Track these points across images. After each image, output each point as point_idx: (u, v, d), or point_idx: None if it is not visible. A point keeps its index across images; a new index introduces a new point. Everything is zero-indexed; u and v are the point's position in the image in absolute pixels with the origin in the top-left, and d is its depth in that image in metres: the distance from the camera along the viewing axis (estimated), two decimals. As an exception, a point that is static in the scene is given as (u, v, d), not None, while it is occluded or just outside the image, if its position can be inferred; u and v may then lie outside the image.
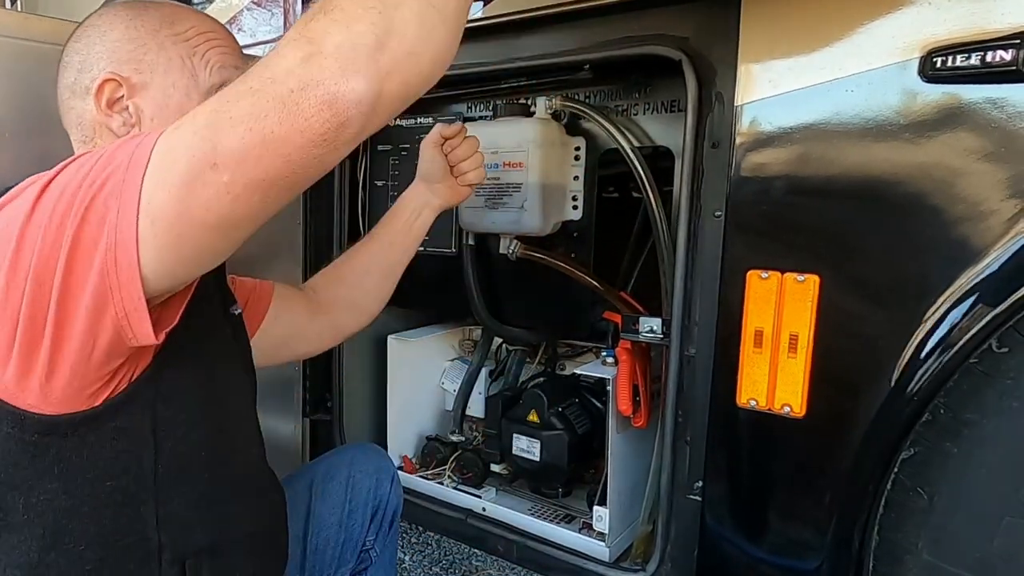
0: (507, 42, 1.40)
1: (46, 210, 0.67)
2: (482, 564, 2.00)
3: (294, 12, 1.70)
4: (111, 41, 0.87)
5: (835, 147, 1.01)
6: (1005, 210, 0.89)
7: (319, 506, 1.20)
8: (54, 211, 0.66)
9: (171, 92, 0.87)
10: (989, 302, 0.91)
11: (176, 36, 0.89)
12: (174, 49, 0.88)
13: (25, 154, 1.24)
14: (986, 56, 0.88)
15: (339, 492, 1.22)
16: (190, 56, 0.89)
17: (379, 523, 1.26)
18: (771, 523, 1.13)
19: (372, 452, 1.32)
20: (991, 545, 0.96)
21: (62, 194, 0.67)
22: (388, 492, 1.27)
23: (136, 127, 0.87)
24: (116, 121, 0.87)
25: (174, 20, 0.90)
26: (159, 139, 0.66)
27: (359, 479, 1.24)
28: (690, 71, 1.16)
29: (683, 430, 1.23)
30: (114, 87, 0.86)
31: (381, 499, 1.26)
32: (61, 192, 0.67)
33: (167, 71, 0.87)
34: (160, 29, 0.88)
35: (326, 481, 1.23)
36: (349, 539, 1.22)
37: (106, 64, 0.86)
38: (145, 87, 0.87)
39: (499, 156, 1.40)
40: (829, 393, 1.05)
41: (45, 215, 0.66)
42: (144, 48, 0.87)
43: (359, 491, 1.23)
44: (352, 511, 1.22)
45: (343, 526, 1.21)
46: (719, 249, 1.14)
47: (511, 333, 1.60)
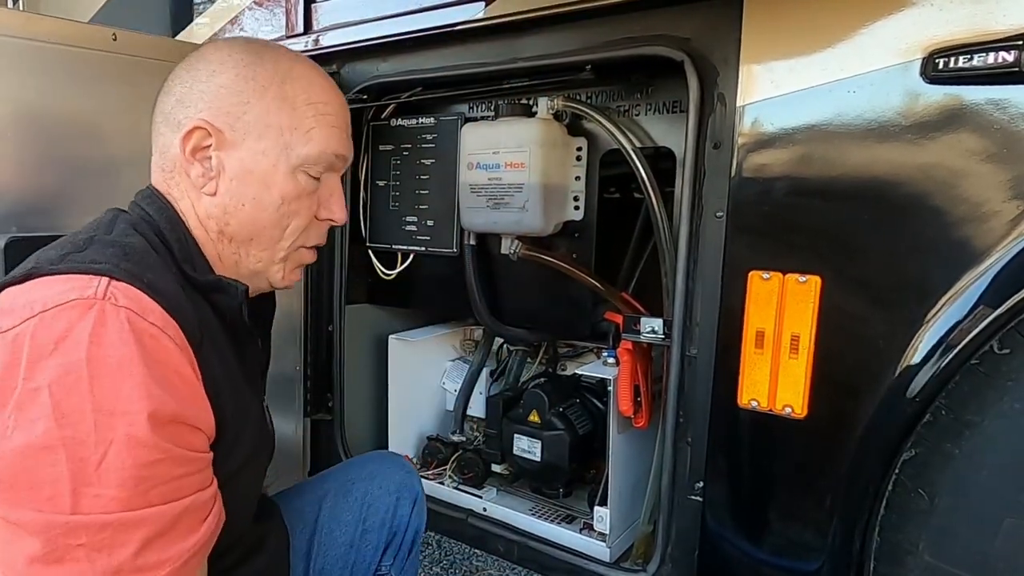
0: (509, 42, 1.40)
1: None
2: (483, 564, 2.00)
3: (296, 12, 1.70)
4: (216, 86, 0.83)
5: (837, 148, 1.01)
6: (1007, 212, 0.89)
7: (329, 522, 1.13)
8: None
9: (260, 159, 0.84)
10: (990, 304, 0.91)
11: (283, 101, 0.84)
12: (277, 116, 0.84)
13: (27, 153, 1.24)
14: (988, 57, 0.88)
15: (353, 510, 1.14)
16: (292, 128, 0.85)
17: (397, 547, 1.17)
18: (772, 524, 1.13)
19: (395, 467, 1.22)
20: (992, 546, 0.96)
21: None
22: (409, 514, 1.17)
23: (214, 181, 0.84)
24: (196, 170, 0.84)
25: (287, 80, 0.85)
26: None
27: (377, 497, 1.15)
28: (692, 72, 1.16)
29: (684, 430, 1.23)
30: (203, 136, 0.83)
31: (400, 522, 1.16)
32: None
33: (261, 136, 0.84)
34: (269, 88, 0.84)
35: (339, 496, 1.15)
36: (360, 562, 1.13)
37: (203, 108, 0.83)
38: (235, 146, 0.84)
39: (501, 156, 1.40)
40: (830, 394, 1.05)
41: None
42: (246, 106, 0.83)
43: (375, 511, 1.15)
44: (366, 532, 1.14)
45: (354, 547, 1.13)
46: (720, 250, 1.14)
47: (512, 333, 1.61)
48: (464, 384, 1.78)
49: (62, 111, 1.29)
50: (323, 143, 0.87)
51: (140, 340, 0.67)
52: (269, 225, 0.86)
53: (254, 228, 0.86)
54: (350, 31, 1.60)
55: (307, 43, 1.68)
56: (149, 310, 0.70)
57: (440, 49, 1.51)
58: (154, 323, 0.69)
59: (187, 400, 0.71)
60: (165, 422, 0.67)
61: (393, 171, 1.69)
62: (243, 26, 1.87)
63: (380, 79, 1.61)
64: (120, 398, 0.65)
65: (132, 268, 0.72)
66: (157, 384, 0.67)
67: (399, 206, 1.69)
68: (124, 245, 0.76)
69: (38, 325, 0.65)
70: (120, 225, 0.81)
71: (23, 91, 1.23)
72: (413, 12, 1.48)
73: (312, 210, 0.90)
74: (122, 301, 0.68)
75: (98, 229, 0.80)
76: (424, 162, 1.63)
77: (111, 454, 0.64)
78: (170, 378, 0.69)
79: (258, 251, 0.88)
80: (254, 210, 0.85)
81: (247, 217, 0.85)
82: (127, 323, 0.67)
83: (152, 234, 0.81)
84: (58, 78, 1.27)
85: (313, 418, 1.80)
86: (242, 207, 0.85)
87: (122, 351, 0.66)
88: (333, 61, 1.68)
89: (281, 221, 0.87)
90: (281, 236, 0.88)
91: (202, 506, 0.72)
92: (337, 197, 0.92)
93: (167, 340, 0.70)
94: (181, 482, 0.69)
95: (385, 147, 1.70)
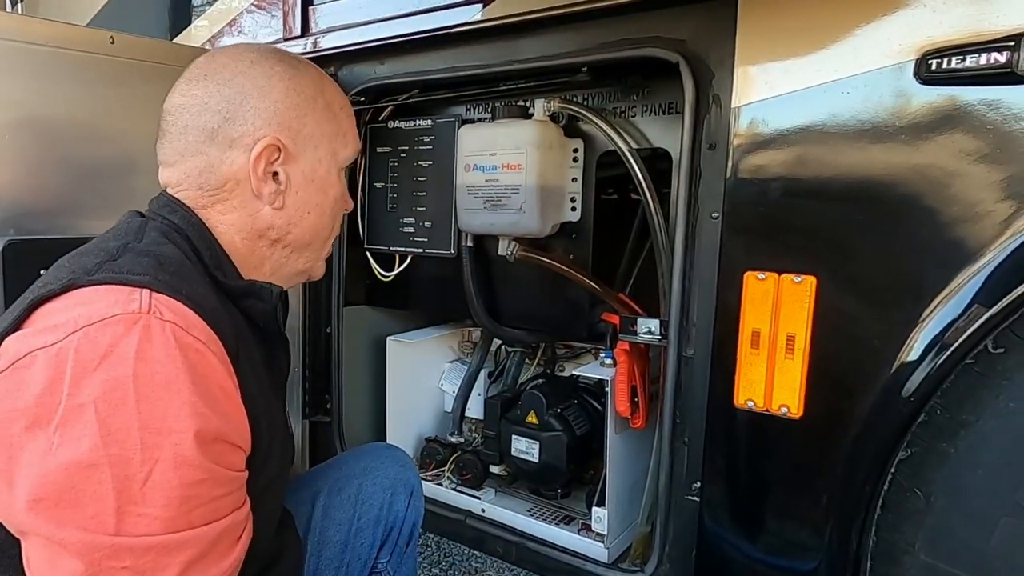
0: (505, 44, 1.41)
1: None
2: (481, 566, 2.00)
3: (293, 15, 1.71)
4: (273, 101, 0.83)
5: (832, 149, 1.01)
6: (1000, 211, 0.90)
7: (323, 521, 1.11)
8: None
9: (317, 167, 0.87)
10: (985, 303, 0.91)
11: (327, 108, 0.88)
12: (327, 125, 0.88)
13: (25, 156, 1.25)
14: (981, 58, 0.88)
15: (347, 507, 1.12)
16: (337, 134, 0.89)
17: (393, 543, 1.15)
18: (769, 523, 1.13)
19: (389, 460, 1.20)
20: (988, 545, 0.96)
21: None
22: (404, 508, 1.15)
23: (283, 196, 0.85)
24: (269, 187, 0.84)
25: (324, 90, 0.88)
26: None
27: (371, 493, 1.14)
28: (687, 73, 1.16)
29: (681, 431, 1.23)
30: (271, 152, 0.83)
31: (396, 517, 1.15)
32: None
33: (318, 146, 0.87)
34: (317, 99, 0.87)
35: (333, 493, 1.13)
36: (354, 560, 1.12)
37: (266, 125, 0.83)
38: (296, 158, 0.85)
39: (497, 158, 1.40)
40: (826, 394, 1.05)
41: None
42: (304, 119, 0.85)
43: (370, 507, 1.13)
44: (360, 529, 1.12)
45: (348, 545, 1.11)
46: (716, 250, 1.15)
47: (510, 334, 1.61)
48: (462, 385, 1.78)
49: (60, 114, 1.29)
50: (355, 142, 0.93)
51: (186, 356, 0.67)
52: (326, 228, 0.92)
53: (315, 233, 0.90)
54: (348, 33, 1.61)
55: (305, 45, 1.69)
56: (193, 324, 0.69)
57: (437, 51, 1.51)
58: (198, 337, 0.69)
59: (230, 417, 0.71)
60: (210, 441, 0.67)
61: (391, 173, 1.70)
62: (241, 29, 1.88)
63: (378, 81, 1.61)
64: (167, 416, 0.64)
65: (171, 280, 0.71)
66: (203, 401, 0.66)
67: (397, 208, 1.69)
68: (159, 255, 0.75)
69: (82, 340, 0.64)
70: (151, 233, 0.79)
71: (21, 94, 1.24)
72: (410, 14, 1.48)
73: (344, 204, 0.96)
74: (167, 315, 0.68)
75: (127, 236, 0.78)
76: (421, 164, 1.64)
77: (157, 473, 0.63)
78: (214, 394, 0.69)
79: (311, 253, 0.92)
80: (317, 217, 0.89)
81: (311, 224, 0.89)
82: (173, 338, 0.66)
83: (183, 242, 0.80)
84: (56, 81, 1.27)
85: (312, 420, 1.80)
86: (307, 215, 0.88)
87: (169, 368, 0.65)
88: (331, 63, 1.69)
89: (332, 221, 0.93)
90: (330, 234, 0.94)
91: (237, 526, 0.72)
92: (346, 190, 0.98)
93: (211, 355, 0.69)
94: (221, 502, 0.69)
95: (383, 149, 1.70)
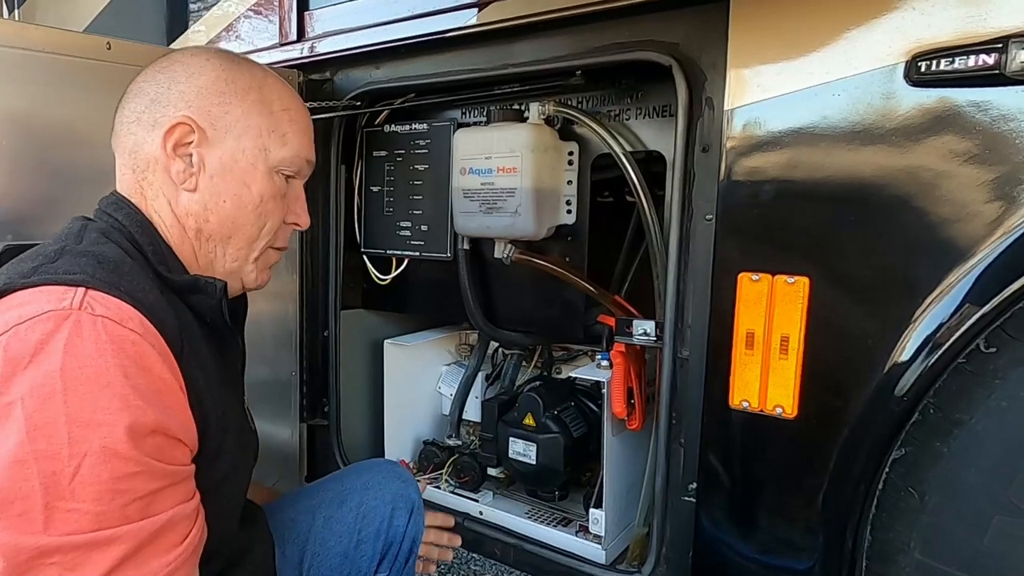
0: (500, 48, 1.41)
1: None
2: (480, 568, 2.00)
3: (289, 20, 1.71)
4: (198, 86, 0.86)
5: (823, 150, 1.02)
6: (990, 211, 0.90)
7: (323, 533, 1.12)
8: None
9: (239, 157, 0.87)
10: (976, 302, 0.92)
11: (263, 105, 0.89)
12: (257, 118, 0.88)
13: (22, 161, 1.25)
14: (970, 60, 0.89)
15: (348, 520, 1.13)
16: (270, 131, 0.89)
17: (393, 557, 1.17)
18: (765, 523, 1.14)
19: (391, 476, 1.21)
20: (982, 544, 0.96)
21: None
22: (405, 524, 1.17)
23: (195, 177, 0.86)
24: (178, 165, 0.85)
25: (264, 87, 0.90)
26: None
27: (372, 508, 1.15)
28: (680, 76, 1.17)
29: (677, 432, 1.24)
30: (186, 131, 0.85)
31: (396, 533, 1.16)
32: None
33: (241, 136, 0.87)
34: (250, 91, 0.88)
35: (334, 506, 1.15)
36: (355, 572, 1.13)
37: (186, 107, 0.85)
38: (216, 144, 0.86)
39: (493, 161, 1.41)
40: (820, 394, 1.06)
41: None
42: (228, 106, 0.87)
43: (371, 521, 1.14)
44: (361, 543, 1.13)
45: (348, 557, 1.12)
46: (710, 252, 1.15)
47: (507, 337, 1.61)
48: (459, 388, 1.79)
49: (57, 120, 1.29)
50: (297, 147, 0.92)
51: (120, 348, 0.66)
52: (247, 223, 0.89)
53: (234, 226, 0.89)
54: (343, 38, 1.61)
55: (301, 50, 1.69)
56: (129, 317, 0.69)
57: (433, 56, 1.52)
58: (134, 329, 0.68)
59: (170, 410, 0.70)
60: (145, 433, 0.66)
61: (387, 177, 1.70)
62: (238, 34, 1.89)
63: (373, 86, 1.62)
64: (96, 409, 0.64)
65: (108, 276, 0.72)
66: (138, 394, 0.66)
67: (393, 211, 1.70)
68: (97, 254, 0.75)
69: (12, 338, 0.64)
70: (90, 234, 0.80)
71: (18, 100, 1.24)
72: (405, 19, 1.49)
73: (283, 213, 0.94)
74: (99, 310, 0.67)
75: (68, 239, 0.79)
76: (417, 168, 1.64)
77: (85, 467, 0.62)
78: (153, 386, 0.68)
79: (234, 250, 0.90)
80: (234, 207, 0.88)
81: (227, 214, 0.88)
82: (104, 332, 0.66)
83: (125, 240, 0.81)
84: (53, 87, 1.27)
85: (309, 423, 1.80)
86: (223, 203, 0.87)
87: (99, 361, 0.65)
88: (327, 68, 1.70)
89: (259, 220, 0.90)
90: (257, 235, 0.91)
91: (183, 520, 0.71)
92: (301, 202, 0.97)
93: (148, 347, 0.69)
94: (159, 496, 0.68)
95: (379, 153, 1.71)
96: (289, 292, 1.71)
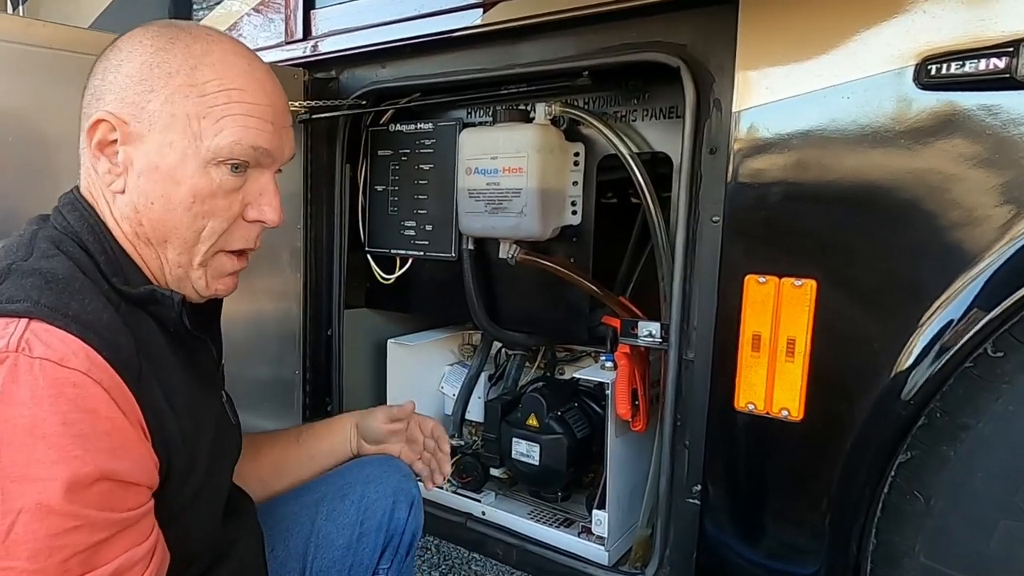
0: (506, 49, 1.41)
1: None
2: (481, 568, 2.00)
3: (295, 19, 1.71)
4: (123, 76, 0.78)
5: (832, 153, 1.02)
6: (999, 215, 0.90)
7: (326, 525, 1.12)
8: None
9: (166, 152, 0.77)
10: (984, 307, 0.91)
11: (191, 88, 0.77)
12: (183, 104, 0.77)
13: (28, 159, 1.25)
14: (980, 63, 0.89)
15: (351, 513, 1.13)
16: (199, 116, 0.77)
17: (394, 550, 1.17)
18: (769, 527, 1.14)
19: (392, 470, 1.21)
20: (987, 548, 0.96)
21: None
22: (405, 518, 1.17)
23: (122, 178, 0.79)
24: (103, 165, 0.79)
25: (198, 65, 0.78)
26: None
27: (374, 500, 1.15)
28: (688, 78, 1.17)
29: (682, 434, 1.23)
30: (107, 129, 0.77)
31: (397, 525, 1.16)
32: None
33: (167, 128, 0.77)
34: (176, 74, 0.77)
35: (336, 499, 1.14)
36: (358, 564, 1.13)
37: (110, 101, 0.77)
38: (140, 139, 0.78)
39: (499, 161, 1.41)
40: (826, 397, 1.05)
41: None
42: (150, 95, 0.77)
43: (372, 514, 1.14)
44: (363, 535, 1.13)
45: (351, 550, 1.12)
46: (717, 254, 1.15)
47: (510, 337, 1.61)
48: (463, 388, 1.78)
49: (62, 117, 1.29)
50: (236, 134, 0.78)
51: (59, 392, 0.62)
52: (181, 226, 0.79)
53: (166, 229, 0.79)
54: (349, 37, 1.61)
55: (306, 49, 1.69)
56: (70, 355, 0.64)
57: (438, 55, 1.52)
58: (77, 368, 0.64)
59: (119, 451, 0.66)
60: (86, 485, 0.63)
61: (392, 176, 1.70)
62: (242, 32, 1.88)
63: (379, 85, 1.62)
64: (31, 463, 0.60)
65: (54, 301, 0.67)
66: (78, 443, 0.62)
67: (398, 211, 1.70)
68: (45, 273, 0.70)
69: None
70: (40, 244, 0.75)
71: (23, 97, 1.24)
72: (411, 19, 1.49)
73: (233, 210, 0.82)
74: (37, 351, 0.63)
75: (17, 252, 0.74)
76: (423, 167, 1.64)
77: (20, 524, 0.59)
78: (99, 428, 0.64)
79: (174, 255, 0.81)
80: (163, 209, 0.79)
81: (157, 217, 0.79)
82: (42, 377, 0.62)
83: (76, 248, 0.76)
84: (59, 84, 1.27)
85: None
86: (151, 205, 0.78)
87: (34, 410, 0.61)
88: (332, 67, 1.69)
89: (195, 222, 0.80)
90: (197, 239, 0.81)
91: (135, 565, 0.67)
92: (268, 196, 0.84)
93: (93, 386, 0.65)
94: (104, 547, 0.64)
95: (384, 152, 1.71)
96: (293, 291, 1.71)
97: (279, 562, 1.09)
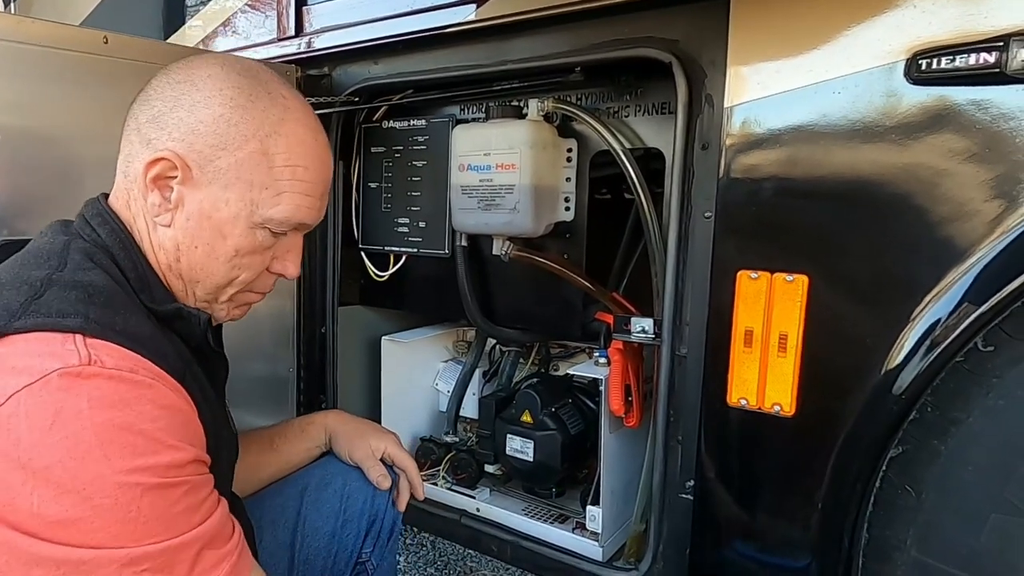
0: (499, 45, 1.41)
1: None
2: (476, 565, 2.00)
3: (287, 15, 1.71)
4: (198, 120, 0.79)
5: (823, 148, 1.02)
6: (989, 210, 0.90)
7: (311, 514, 1.15)
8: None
9: (221, 207, 0.81)
10: (974, 301, 0.92)
11: (263, 155, 0.80)
12: (252, 171, 0.80)
13: (18, 156, 1.24)
14: (970, 58, 0.89)
15: (333, 501, 1.17)
16: (263, 186, 0.81)
17: (376, 535, 1.20)
18: (762, 521, 1.14)
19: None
20: (978, 542, 0.97)
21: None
22: (385, 504, 1.20)
23: (170, 214, 0.81)
24: (154, 197, 0.80)
25: (272, 134, 0.81)
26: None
27: (355, 489, 1.18)
28: (680, 73, 1.17)
29: (675, 430, 1.24)
30: (169, 167, 0.79)
31: (378, 511, 1.19)
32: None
33: (228, 186, 0.80)
34: (251, 140, 0.80)
35: (320, 489, 1.17)
36: (342, 550, 1.16)
37: (177, 140, 0.79)
38: (199, 186, 0.80)
39: (492, 158, 1.40)
40: (818, 392, 1.06)
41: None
42: (221, 151, 0.79)
43: (354, 501, 1.17)
44: (346, 522, 1.17)
45: (336, 537, 1.16)
46: (709, 250, 1.15)
47: (504, 334, 1.61)
48: (457, 385, 1.79)
49: (53, 114, 1.29)
50: (291, 211, 0.84)
51: (141, 395, 0.68)
52: (217, 274, 0.85)
53: (202, 273, 0.84)
54: (342, 33, 1.61)
55: (299, 45, 1.69)
56: (137, 365, 0.69)
57: (431, 52, 1.51)
58: (146, 377, 0.69)
59: (197, 435, 0.74)
60: (184, 464, 0.70)
61: (385, 173, 1.70)
62: (235, 29, 1.88)
63: (372, 81, 1.61)
64: (136, 455, 0.66)
65: (102, 316, 0.70)
66: (170, 434, 0.69)
67: (391, 208, 1.70)
68: (86, 286, 0.73)
69: (28, 403, 0.63)
70: (74, 256, 0.77)
71: (14, 94, 1.23)
72: (404, 15, 1.48)
73: (264, 263, 0.88)
74: (109, 363, 0.67)
75: (49, 260, 0.76)
76: (416, 164, 1.64)
77: (145, 503, 0.65)
78: (179, 420, 0.71)
79: (203, 292, 0.86)
80: (205, 256, 0.83)
81: (197, 261, 0.83)
82: (121, 383, 0.67)
83: (111, 263, 0.78)
84: (49, 81, 1.27)
85: (306, 420, 1.80)
86: (195, 249, 0.83)
87: (125, 412, 0.66)
88: (324, 64, 1.69)
89: (230, 272, 0.85)
90: (227, 284, 0.86)
91: (228, 518, 0.77)
92: (294, 254, 0.90)
93: (163, 388, 0.71)
94: (210, 499, 0.74)
95: (377, 149, 1.71)
96: (287, 288, 1.71)
97: (268, 553, 1.10)
